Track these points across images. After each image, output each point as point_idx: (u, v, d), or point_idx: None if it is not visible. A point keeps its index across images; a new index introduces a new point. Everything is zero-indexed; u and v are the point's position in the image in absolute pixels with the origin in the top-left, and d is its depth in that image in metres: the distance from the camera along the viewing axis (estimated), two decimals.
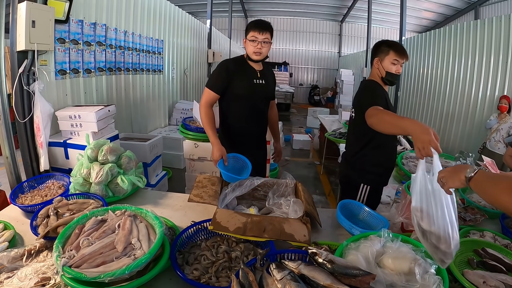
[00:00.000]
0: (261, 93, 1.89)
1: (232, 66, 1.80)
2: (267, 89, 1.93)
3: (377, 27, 13.08)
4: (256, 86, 1.85)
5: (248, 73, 1.84)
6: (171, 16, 4.61)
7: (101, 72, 2.92)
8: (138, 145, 2.86)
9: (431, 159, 0.99)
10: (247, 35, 1.78)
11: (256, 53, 1.77)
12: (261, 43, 1.74)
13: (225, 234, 1.18)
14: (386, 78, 1.65)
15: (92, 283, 0.87)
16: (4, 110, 1.86)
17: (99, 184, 1.56)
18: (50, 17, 1.96)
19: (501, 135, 3.46)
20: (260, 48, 1.75)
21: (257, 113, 1.92)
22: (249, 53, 1.79)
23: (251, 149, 1.90)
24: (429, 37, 5.68)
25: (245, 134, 1.93)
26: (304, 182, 1.66)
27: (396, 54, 1.61)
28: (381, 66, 1.65)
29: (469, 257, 1.17)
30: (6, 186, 1.92)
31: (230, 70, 1.79)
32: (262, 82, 1.87)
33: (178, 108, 4.85)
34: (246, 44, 1.80)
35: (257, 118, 1.93)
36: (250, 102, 1.86)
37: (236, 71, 1.80)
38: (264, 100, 1.95)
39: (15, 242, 1.21)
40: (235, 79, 1.80)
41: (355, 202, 1.54)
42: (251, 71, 1.85)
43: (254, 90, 1.84)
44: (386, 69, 1.63)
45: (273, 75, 2.02)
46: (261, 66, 1.90)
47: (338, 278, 0.87)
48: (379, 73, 1.67)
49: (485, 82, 4.16)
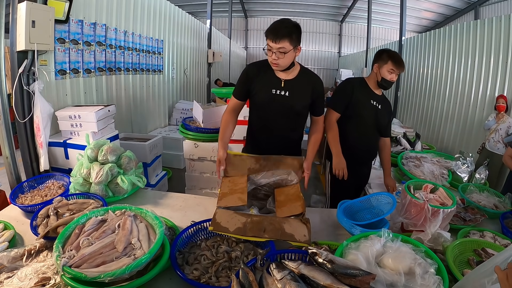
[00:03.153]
0: (279, 106, 1.60)
1: (252, 70, 1.63)
2: (290, 102, 1.60)
3: (377, 27, 13.07)
4: (274, 97, 1.59)
5: (268, 81, 1.60)
6: (171, 16, 4.61)
7: (101, 72, 2.92)
8: (138, 145, 2.86)
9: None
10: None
11: (274, 64, 1.51)
12: (276, 53, 1.47)
13: (225, 234, 1.18)
14: (381, 83, 1.87)
15: (92, 283, 0.87)
16: (4, 110, 1.87)
17: (99, 184, 1.56)
18: (50, 17, 1.96)
19: (500, 135, 3.46)
20: (276, 58, 1.48)
21: (274, 128, 1.67)
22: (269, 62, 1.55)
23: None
24: (429, 37, 5.68)
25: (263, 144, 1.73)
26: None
27: (394, 64, 1.81)
28: (379, 72, 1.86)
29: (469, 257, 1.17)
30: (6, 186, 1.92)
31: (249, 75, 1.62)
32: (284, 93, 1.59)
33: (178, 108, 4.85)
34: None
35: (274, 132, 1.68)
36: (265, 114, 1.65)
37: (255, 77, 1.61)
38: (285, 115, 1.64)
39: (15, 242, 1.21)
40: (255, 85, 1.62)
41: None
42: (273, 78, 1.60)
43: (271, 101, 1.60)
44: (383, 76, 1.84)
45: (313, 90, 1.64)
46: (290, 74, 1.61)
47: (338, 278, 0.87)
48: (376, 77, 1.88)
49: (485, 82, 4.16)
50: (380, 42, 11.01)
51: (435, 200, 1.31)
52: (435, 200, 1.31)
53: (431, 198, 1.31)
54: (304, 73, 1.64)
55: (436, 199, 1.32)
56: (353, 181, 2.01)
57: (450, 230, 1.30)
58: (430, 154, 2.45)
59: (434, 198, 1.32)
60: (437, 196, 1.34)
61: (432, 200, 1.30)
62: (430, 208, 1.21)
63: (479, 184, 1.94)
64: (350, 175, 1.95)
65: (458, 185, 1.88)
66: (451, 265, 1.05)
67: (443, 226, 1.25)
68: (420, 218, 1.24)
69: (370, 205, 1.49)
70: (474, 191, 1.81)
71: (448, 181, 2.01)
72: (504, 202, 1.68)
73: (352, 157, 1.88)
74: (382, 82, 1.86)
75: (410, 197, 1.29)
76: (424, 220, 1.22)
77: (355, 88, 1.91)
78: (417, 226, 1.25)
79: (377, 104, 1.91)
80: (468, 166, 2.13)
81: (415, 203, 1.26)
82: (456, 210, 1.50)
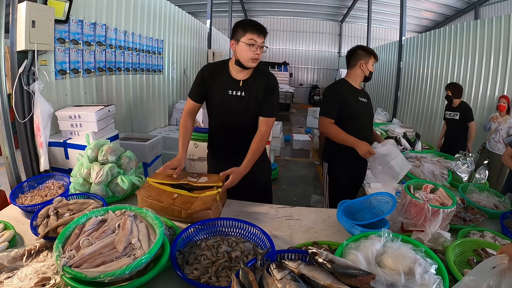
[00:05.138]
0: (235, 107, 1.60)
1: (208, 72, 1.63)
2: (246, 103, 1.59)
3: (377, 27, 13.08)
4: (230, 98, 1.59)
5: (224, 82, 1.60)
6: (171, 16, 4.61)
7: (101, 72, 2.92)
8: (138, 145, 2.86)
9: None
10: (242, 37, 1.50)
11: (254, 59, 1.52)
12: (260, 48, 1.51)
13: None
14: (369, 76, 2.04)
15: (92, 283, 0.87)
16: (4, 110, 1.87)
17: (99, 184, 1.56)
18: (50, 17, 1.96)
19: (501, 135, 3.46)
20: (258, 53, 1.51)
21: (230, 130, 1.67)
22: (244, 59, 1.52)
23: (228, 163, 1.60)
24: (429, 37, 5.68)
25: (219, 147, 1.77)
26: (304, 182, 1.67)
27: (375, 58, 2.02)
28: (365, 68, 2.00)
29: (469, 257, 1.17)
30: (6, 186, 1.92)
31: (205, 77, 1.62)
32: (240, 93, 1.59)
33: (178, 108, 4.85)
34: (238, 47, 1.52)
35: (230, 135, 1.68)
36: (221, 116, 1.65)
37: (212, 79, 1.61)
38: (242, 116, 1.62)
39: (15, 242, 1.21)
40: (211, 87, 1.62)
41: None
42: (229, 79, 1.60)
43: (226, 102, 1.60)
44: (370, 70, 2.01)
45: (266, 85, 1.62)
46: (248, 74, 1.61)
47: (338, 278, 0.87)
48: (364, 73, 2.01)
49: (485, 82, 4.16)
50: (380, 42, 11.00)
51: (435, 200, 1.31)
52: (435, 200, 1.31)
53: (431, 198, 1.31)
54: (258, 72, 1.63)
55: (436, 199, 1.32)
56: (351, 180, 2.03)
57: (450, 230, 1.30)
58: (430, 154, 2.45)
59: (434, 198, 1.32)
60: (437, 196, 1.34)
61: (432, 200, 1.30)
62: (430, 208, 1.21)
63: (479, 184, 1.94)
64: (348, 175, 1.96)
65: (458, 185, 1.88)
66: (451, 265, 1.05)
67: (443, 226, 1.25)
68: (420, 218, 1.24)
69: (370, 205, 1.49)
70: (474, 191, 1.81)
71: (448, 181, 2.01)
72: (504, 202, 1.68)
73: (353, 157, 1.89)
74: (369, 75, 2.02)
75: (410, 197, 1.29)
76: (424, 220, 1.22)
77: (343, 91, 1.99)
78: (417, 226, 1.25)
79: (364, 99, 2.04)
80: (468, 166, 2.13)
81: (415, 203, 1.26)
82: (456, 210, 1.50)
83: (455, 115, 3.74)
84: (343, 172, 2.03)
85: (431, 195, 1.34)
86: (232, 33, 1.56)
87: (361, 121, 2.00)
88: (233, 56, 1.60)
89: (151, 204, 1.37)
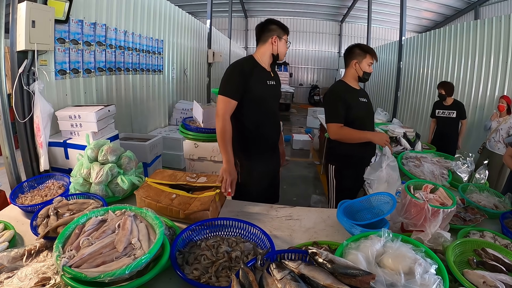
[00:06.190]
0: (274, 94, 1.85)
1: (246, 68, 1.71)
2: (278, 90, 1.89)
3: (377, 27, 13.07)
4: (269, 87, 1.79)
5: (262, 75, 1.78)
6: (171, 16, 4.61)
7: (101, 72, 2.92)
8: (138, 145, 2.86)
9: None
10: (284, 35, 1.77)
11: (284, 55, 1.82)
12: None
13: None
14: (363, 77, 1.95)
15: (92, 283, 0.87)
16: (4, 110, 1.87)
17: (99, 184, 1.56)
18: (50, 17, 1.96)
19: (501, 135, 3.46)
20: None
21: (273, 116, 1.86)
22: (282, 53, 1.80)
23: (266, 152, 1.84)
24: (429, 37, 5.68)
25: (262, 138, 1.81)
26: (304, 182, 1.68)
27: (372, 57, 1.92)
28: (359, 68, 1.93)
29: (469, 257, 1.17)
30: (6, 186, 1.92)
31: (245, 73, 1.69)
32: (273, 83, 1.82)
33: (178, 108, 4.85)
34: (280, 43, 1.77)
35: (273, 120, 1.86)
36: (265, 104, 1.79)
37: (250, 73, 1.71)
38: (277, 102, 1.90)
39: (15, 242, 1.21)
40: (251, 81, 1.70)
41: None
42: (264, 72, 1.79)
43: (269, 92, 1.79)
44: (364, 70, 1.93)
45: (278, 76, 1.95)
46: (269, 68, 1.85)
47: (338, 278, 0.87)
48: (357, 73, 1.95)
49: (485, 82, 4.16)
50: (380, 42, 11.01)
51: (435, 200, 1.31)
52: (435, 200, 1.31)
53: (431, 198, 1.31)
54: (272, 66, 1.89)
55: (436, 199, 1.32)
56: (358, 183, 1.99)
57: (450, 230, 1.30)
58: (430, 154, 2.45)
59: (434, 198, 1.32)
60: (437, 196, 1.34)
61: (432, 200, 1.30)
62: (430, 208, 1.21)
63: (479, 184, 1.93)
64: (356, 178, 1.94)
65: (458, 185, 1.88)
66: (451, 265, 1.05)
67: (443, 226, 1.25)
68: (420, 218, 1.24)
69: (370, 205, 1.49)
70: (474, 191, 1.81)
71: (448, 181, 2.01)
72: (504, 202, 1.68)
73: (360, 159, 1.88)
74: (364, 76, 1.95)
75: (410, 197, 1.29)
76: (424, 220, 1.22)
77: (345, 94, 1.95)
78: (417, 226, 1.25)
79: (364, 99, 2.00)
80: (468, 166, 2.13)
81: (415, 203, 1.26)
82: (456, 210, 1.50)
83: (451, 113, 3.75)
84: (351, 175, 1.99)
85: (431, 195, 1.34)
86: (271, 31, 1.76)
87: (363, 121, 1.97)
88: (261, 51, 1.79)
89: (149, 204, 1.37)
